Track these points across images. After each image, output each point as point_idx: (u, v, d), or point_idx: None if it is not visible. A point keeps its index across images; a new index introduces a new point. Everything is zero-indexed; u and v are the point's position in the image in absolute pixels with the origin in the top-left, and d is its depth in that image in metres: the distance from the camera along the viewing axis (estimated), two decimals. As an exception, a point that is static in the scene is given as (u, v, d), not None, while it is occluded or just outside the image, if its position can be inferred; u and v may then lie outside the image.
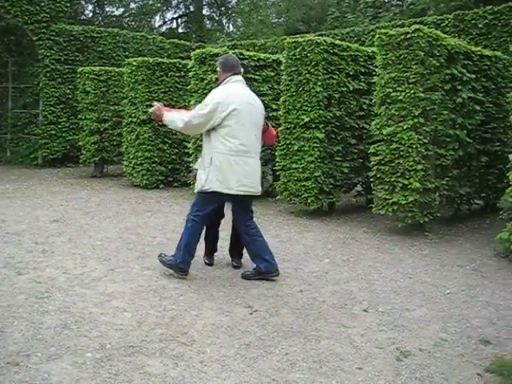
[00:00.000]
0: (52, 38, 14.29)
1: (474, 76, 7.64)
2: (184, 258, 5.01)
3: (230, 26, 32.08)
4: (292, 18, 23.29)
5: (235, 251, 5.59)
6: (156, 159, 10.72)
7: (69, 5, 15.20)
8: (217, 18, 32.14)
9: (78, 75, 12.59)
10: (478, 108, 7.73)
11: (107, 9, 29.52)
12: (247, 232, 5.16)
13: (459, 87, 7.36)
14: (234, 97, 4.89)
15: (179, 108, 9.41)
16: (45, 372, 3.20)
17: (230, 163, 4.81)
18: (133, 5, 30.28)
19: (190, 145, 9.61)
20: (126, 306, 4.34)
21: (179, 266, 5.02)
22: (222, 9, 31.53)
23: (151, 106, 5.48)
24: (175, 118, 5.13)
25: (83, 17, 26.79)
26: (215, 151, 4.86)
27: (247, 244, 5.23)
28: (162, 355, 3.52)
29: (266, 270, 5.08)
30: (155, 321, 4.06)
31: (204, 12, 31.68)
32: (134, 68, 10.80)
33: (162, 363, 3.41)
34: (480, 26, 11.72)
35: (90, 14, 28.46)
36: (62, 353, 3.46)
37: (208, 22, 31.90)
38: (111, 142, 12.41)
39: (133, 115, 10.82)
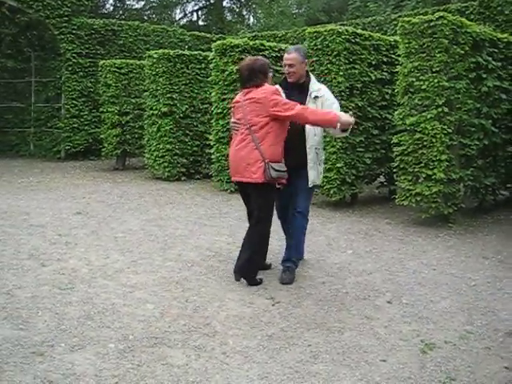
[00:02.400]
0: (73, 31, 14.39)
1: (500, 64, 7.48)
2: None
3: (251, 18, 32.02)
4: (313, 8, 23.13)
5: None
6: (177, 151, 10.73)
7: (90, -1, 15.28)
8: (237, 10, 32.07)
9: (100, 68, 12.65)
10: (504, 97, 7.57)
11: (128, 2, 29.68)
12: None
13: (484, 75, 7.21)
14: None
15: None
16: (69, 362, 3.22)
17: None
18: (153, -3, 30.42)
19: (211, 136, 9.60)
20: (149, 297, 4.35)
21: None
22: (243, 0, 31.43)
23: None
24: None
25: (104, 10, 26.93)
26: (322, 146, 5.16)
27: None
28: (185, 346, 3.52)
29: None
30: (178, 312, 4.06)
31: (224, 4, 31.64)
32: (154, 60, 10.81)
33: (184, 354, 3.41)
34: (506, 12, 11.45)
35: (111, 8, 28.64)
36: (85, 343, 3.48)
37: (228, 14, 31.86)
38: (133, 135, 12.46)
39: (154, 108, 10.83)
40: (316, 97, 4.88)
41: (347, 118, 4.52)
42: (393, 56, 8.17)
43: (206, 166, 11.03)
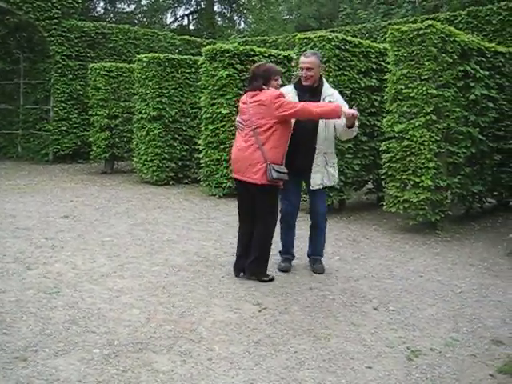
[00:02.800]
0: (63, 34, 14.33)
1: (487, 73, 7.54)
2: None
3: (241, 23, 32.07)
4: (303, 14, 23.20)
5: None
6: (166, 155, 10.71)
7: (80, 1, 15.21)
8: (228, 15, 32.12)
9: (89, 71, 12.61)
10: (491, 105, 7.63)
11: (118, 5, 29.61)
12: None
13: (472, 84, 7.27)
14: None
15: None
16: (52, 367, 3.19)
17: None
18: (144, 1, 30.37)
19: (200, 141, 9.59)
20: (135, 302, 4.33)
21: None
22: (233, 5, 31.49)
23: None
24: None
25: (95, 13, 26.85)
26: (334, 151, 5.28)
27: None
28: (170, 352, 3.49)
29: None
30: (164, 317, 4.04)
31: (215, 9, 31.68)
32: (144, 64, 10.79)
33: (169, 360, 3.39)
34: (494, 22, 11.60)
35: (102, 11, 28.55)
36: (69, 348, 3.45)
37: (219, 19, 31.89)
38: (122, 139, 12.42)
39: (143, 111, 10.80)
40: (330, 101, 5.00)
41: (350, 110, 4.72)
42: (382, 63, 8.21)
43: (195, 171, 11.00)
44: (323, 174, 5.09)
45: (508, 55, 8.17)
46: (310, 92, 5.05)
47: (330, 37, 7.71)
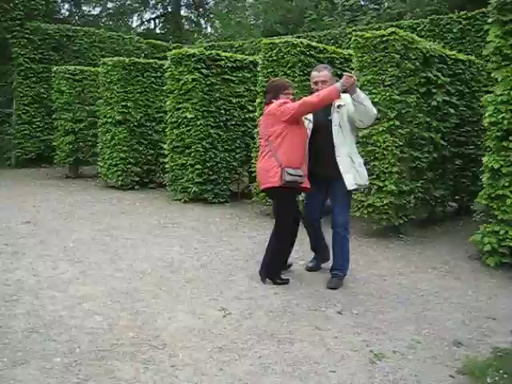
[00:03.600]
0: (26, 36, 14.10)
1: (448, 79, 7.70)
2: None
3: (208, 28, 32.03)
4: (270, 20, 23.28)
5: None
6: (131, 160, 10.61)
7: (44, 3, 14.99)
8: (195, 19, 32.07)
9: (53, 74, 12.41)
10: (452, 111, 7.78)
11: (84, 8, 29.25)
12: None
13: (434, 90, 7.41)
14: None
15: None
16: (10, 378, 3.12)
17: None
18: (110, 4, 30.07)
19: (165, 146, 9.53)
20: (98, 308, 4.27)
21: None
22: (200, 10, 31.45)
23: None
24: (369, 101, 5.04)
25: (59, 15, 26.43)
26: (357, 151, 5.32)
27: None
28: (133, 359, 3.45)
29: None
30: (127, 324, 3.99)
31: (182, 13, 31.61)
32: (109, 68, 10.68)
33: (132, 367, 3.35)
34: (454, 30, 11.88)
35: (67, 13, 28.15)
36: (29, 358, 3.38)
37: (186, 23, 31.82)
38: (86, 143, 12.25)
39: (108, 115, 10.69)
40: (339, 105, 5.07)
41: (344, 78, 4.70)
42: (346, 69, 8.29)
43: (160, 176, 10.93)
44: (354, 174, 5.07)
45: (468, 63, 8.36)
46: None
47: (295, 42, 7.76)
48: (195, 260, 5.72)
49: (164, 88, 9.81)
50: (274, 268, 5.13)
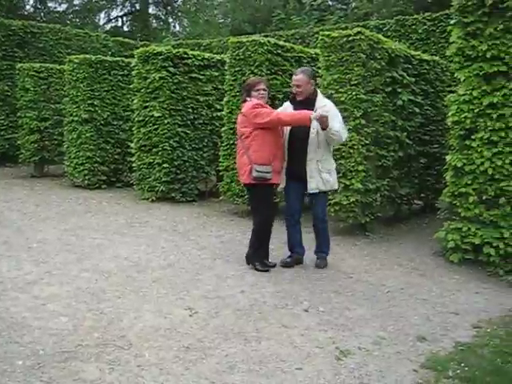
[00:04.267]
0: (-11, 32, 13.77)
1: (413, 79, 7.82)
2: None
3: (177, 26, 31.84)
4: (238, 18, 23.29)
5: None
6: (98, 159, 10.48)
7: (7, -2, 14.69)
8: (163, 17, 31.80)
9: (17, 72, 12.15)
10: (417, 110, 7.91)
11: (50, 4, 28.73)
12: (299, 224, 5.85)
13: (399, 90, 7.51)
14: None
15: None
16: (-29, 381, 3.06)
17: None
18: (77, 1, 29.61)
19: (132, 144, 9.44)
20: (62, 309, 4.21)
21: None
22: (169, 8, 31.22)
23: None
24: (341, 130, 5.42)
25: (24, 12, 25.92)
26: (333, 156, 5.74)
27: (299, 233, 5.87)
28: (98, 360, 3.42)
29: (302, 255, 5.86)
30: (92, 324, 3.95)
31: (150, 11, 31.30)
32: (75, 65, 10.52)
33: (97, 368, 3.31)
34: (419, 31, 12.08)
35: (32, 9, 27.60)
36: (-10, 360, 3.31)
37: (154, 21, 31.53)
38: (52, 142, 12.03)
39: (74, 114, 10.52)
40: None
41: (317, 113, 5.16)
42: (314, 68, 8.34)
43: (128, 175, 10.82)
44: (317, 179, 5.47)
45: (432, 63, 8.51)
46: (303, 105, 5.46)
47: (262, 41, 7.78)
48: (162, 259, 5.69)
49: (131, 86, 9.72)
50: (257, 256, 5.49)
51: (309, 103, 5.47)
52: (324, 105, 5.45)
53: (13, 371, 3.20)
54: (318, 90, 5.77)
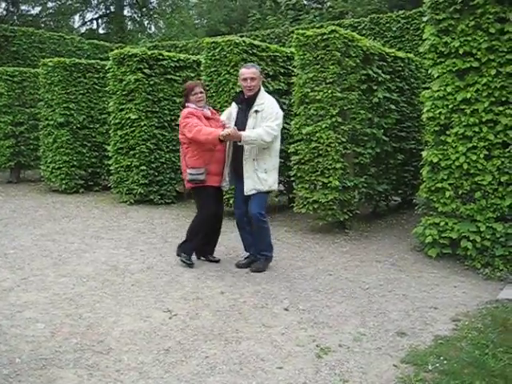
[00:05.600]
0: (-40, 36, 13.57)
1: (388, 77, 7.87)
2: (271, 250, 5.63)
3: (152, 27, 31.69)
4: (213, 19, 23.26)
5: (210, 248, 5.86)
6: (75, 163, 10.39)
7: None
8: (138, 19, 31.65)
9: (-10, 76, 11.99)
10: (393, 107, 7.97)
11: (23, 7, 28.40)
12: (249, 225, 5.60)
13: (375, 87, 7.55)
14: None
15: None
16: None
17: (278, 163, 5.54)
18: (51, 4, 29.31)
19: (109, 147, 9.37)
20: (39, 316, 4.15)
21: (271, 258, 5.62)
22: (144, 10, 31.06)
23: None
24: (261, 134, 5.19)
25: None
26: (275, 155, 5.43)
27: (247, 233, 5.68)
28: (77, 366, 3.37)
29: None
30: (70, 330, 3.89)
31: (125, 13, 31.16)
32: (49, 69, 10.42)
33: (75, 374, 3.27)
34: (394, 29, 12.19)
35: (4, 13, 27.27)
36: (-35, 370, 3.25)
37: (129, 23, 31.36)
38: (28, 146, 11.93)
39: (50, 118, 10.43)
40: (256, 111, 5.28)
41: (226, 131, 5.16)
42: (289, 67, 8.37)
43: (105, 178, 10.74)
44: (254, 179, 5.30)
45: (407, 60, 8.57)
46: (247, 103, 5.34)
47: (238, 41, 7.76)
48: (141, 262, 5.64)
49: (107, 89, 9.64)
50: (187, 249, 5.59)
51: (250, 100, 5.33)
52: (262, 103, 5.30)
53: (-12, 380, 3.15)
54: (262, 87, 5.48)
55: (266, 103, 5.31)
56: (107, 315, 4.19)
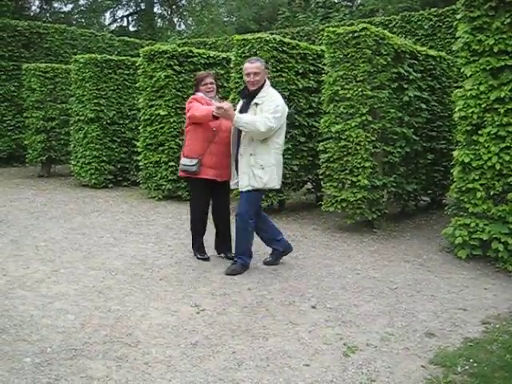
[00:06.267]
0: (-5, 33, 13.84)
1: (419, 75, 7.78)
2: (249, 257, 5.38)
3: (182, 25, 31.88)
4: (243, 16, 23.30)
5: (225, 246, 5.78)
6: (105, 158, 10.51)
7: (13, -1, 14.76)
8: (168, 17, 31.86)
9: (24, 72, 12.21)
10: (423, 106, 7.87)
11: (55, 5, 28.83)
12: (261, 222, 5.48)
13: (406, 86, 7.47)
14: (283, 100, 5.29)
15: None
16: (-21, 379, 3.07)
17: (280, 161, 5.33)
18: (82, 1, 29.71)
19: (139, 143, 9.45)
20: (70, 307, 4.21)
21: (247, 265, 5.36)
22: (174, 7, 31.25)
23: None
24: (256, 120, 4.98)
25: (30, 12, 26.02)
26: (275, 151, 5.21)
27: (260, 231, 5.53)
28: (106, 357, 3.42)
29: (283, 249, 5.59)
30: (99, 322, 3.95)
31: (155, 10, 31.37)
32: (81, 65, 10.56)
33: (105, 366, 3.31)
34: (426, 27, 12.04)
35: (37, 10, 27.72)
36: (-2, 358, 3.32)
37: (159, 21, 31.59)
38: (59, 141, 12.11)
39: (80, 113, 10.57)
40: (256, 104, 5.15)
41: (219, 104, 5.10)
42: (319, 65, 8.33)
43: (134, 173, 10.85)
44: (249, 175, 5.11)
45: (438, 59, 8.46)
46: (251, 96, 5.21)
47: (268, 39, 7.76)
48: (169, 257, 5.69)
49: (137, 85, 9.73)
50: (193, 243, 5.70)
51: (253, 94, 5.18)
52: (263, 96, 5.13)
53: (21, 368, 3.21)
54: (268, 81, 5.30)
55: (267, 97, 5.15)
56: (136, 308, 4.24)
